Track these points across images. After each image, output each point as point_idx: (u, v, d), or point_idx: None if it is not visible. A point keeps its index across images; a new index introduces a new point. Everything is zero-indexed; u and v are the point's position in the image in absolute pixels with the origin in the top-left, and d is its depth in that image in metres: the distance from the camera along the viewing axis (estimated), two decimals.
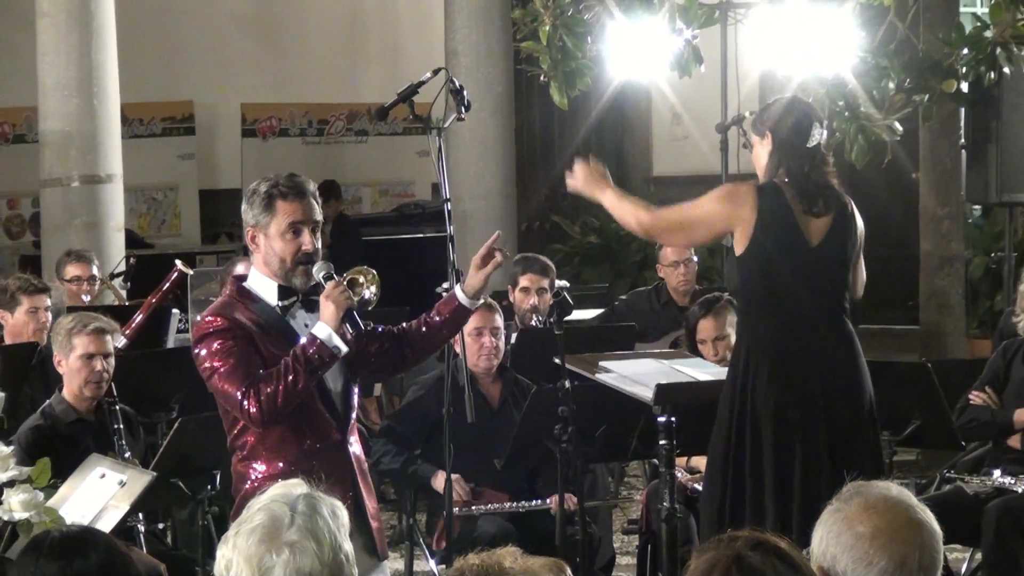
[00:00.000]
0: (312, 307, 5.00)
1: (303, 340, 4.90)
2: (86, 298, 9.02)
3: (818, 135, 5.72)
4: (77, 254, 9.33)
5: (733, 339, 7.36)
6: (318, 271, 4.99)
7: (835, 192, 5.72)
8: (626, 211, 5.79)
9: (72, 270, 9.17)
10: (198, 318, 5.17)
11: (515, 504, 6.95)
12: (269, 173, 5.11)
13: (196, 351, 4.97)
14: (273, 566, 3.02)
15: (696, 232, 5.88)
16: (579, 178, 5.86)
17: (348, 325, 4.93)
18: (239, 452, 5.03)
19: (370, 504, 5.11)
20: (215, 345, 4.91)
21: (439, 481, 6.86)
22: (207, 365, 4.93)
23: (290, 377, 4.84)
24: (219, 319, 4.94)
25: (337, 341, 4.87)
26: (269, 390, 4.84)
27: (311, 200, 5.01)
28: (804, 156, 5.69)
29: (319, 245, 5.04)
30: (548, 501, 6.87)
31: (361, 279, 5.35)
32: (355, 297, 5.07)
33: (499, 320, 7.28)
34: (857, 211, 5.82)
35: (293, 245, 4.96)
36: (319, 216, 5.05)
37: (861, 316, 8.24)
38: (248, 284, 5.05)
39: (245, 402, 4.86)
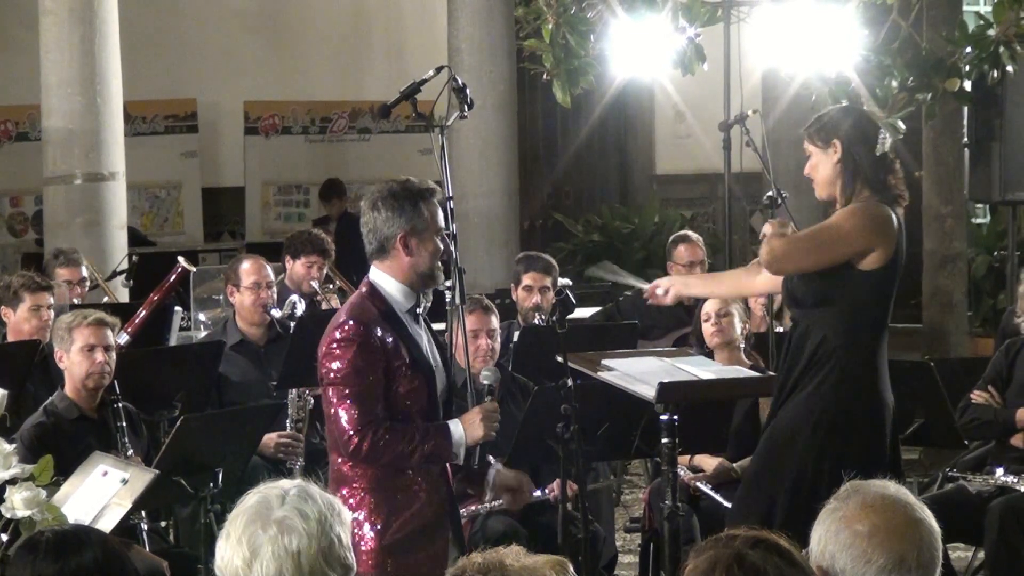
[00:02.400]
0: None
1: (436, 427, 4.95)
2: (77, 301, 8.68)
3: (884, 141, 5.52)
4: (66, 257, 9.02)
5: (736, 320, 7.39)
6: (485, 378, 5.13)
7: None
8: (735, 274, 5.81)
9: (61, 273, 8.86)
10: (339, 314, 5.05)
11: None
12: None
13: (330, 348, 4.92)
14: (262, 544, 3.02)
15: (833, 252, 5.48)
16: (663, 286, 5.94)
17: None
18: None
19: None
20: (352, 356, 4.88)
21: None
22: (337, 377, 4.90)
23: (409, 448, 4.90)
24: (361, 327, 4.90)
25: (460, 453, 4.98)
26: (389, 444, 4.86)
27: None
28: (878, 164, 5.48)
29: None
30: (547, 491, 6.87)
31: None
32: None
33: (495, 322, 7.34)
34: None
35: (442, 243, 5.05)
36: None
37: None
38: (384, 290, 5.01)
39: (358, 438, 4.86)
